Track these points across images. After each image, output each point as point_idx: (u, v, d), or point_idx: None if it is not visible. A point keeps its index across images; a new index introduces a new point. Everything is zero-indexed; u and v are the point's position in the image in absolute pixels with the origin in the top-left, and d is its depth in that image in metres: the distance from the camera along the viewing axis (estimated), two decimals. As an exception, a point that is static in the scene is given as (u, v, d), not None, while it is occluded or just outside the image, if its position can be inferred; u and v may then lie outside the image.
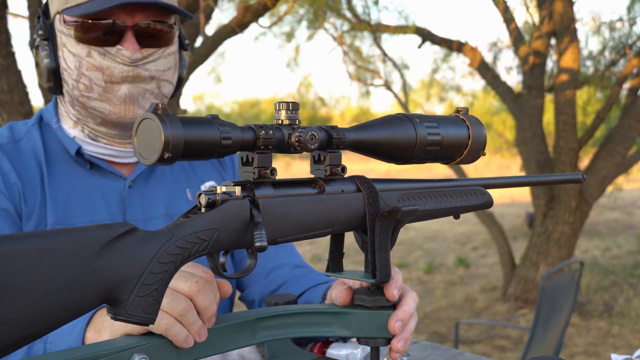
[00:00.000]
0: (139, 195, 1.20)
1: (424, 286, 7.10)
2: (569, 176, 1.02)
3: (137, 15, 1.10)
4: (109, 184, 1.18)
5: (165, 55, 1.14)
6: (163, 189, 1.23)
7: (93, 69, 1.09)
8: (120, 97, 1.10)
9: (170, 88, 1.19)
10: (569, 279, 3.07)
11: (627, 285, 6.69)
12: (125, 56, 1.09)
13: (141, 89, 1.12)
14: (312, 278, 1.21)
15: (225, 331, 0.78)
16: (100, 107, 1.12)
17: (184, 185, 1.26)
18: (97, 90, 1.10)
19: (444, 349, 1.16)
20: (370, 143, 0.78)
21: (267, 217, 0.71)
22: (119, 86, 1.10)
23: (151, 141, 0.62)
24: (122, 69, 1.09)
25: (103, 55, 1.09)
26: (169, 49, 1.15)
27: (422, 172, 4.55)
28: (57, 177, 1.16)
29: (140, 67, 1.10)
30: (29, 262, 0.57)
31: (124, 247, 0.63)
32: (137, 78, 1.10)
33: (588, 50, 8.44)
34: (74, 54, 1.10)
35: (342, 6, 7.16)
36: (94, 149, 1.18)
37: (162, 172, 1.24)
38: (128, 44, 1.09)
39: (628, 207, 12.49)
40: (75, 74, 1.11)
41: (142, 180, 1.21)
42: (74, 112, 1.17)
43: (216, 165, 1.33)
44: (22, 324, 0.57)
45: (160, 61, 1.13)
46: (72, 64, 1.11)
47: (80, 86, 1.11)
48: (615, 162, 5.73)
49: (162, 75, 1.15)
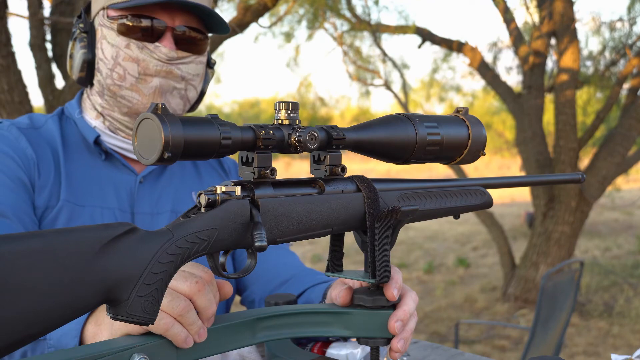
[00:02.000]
0: (148, 191, 1.24)
1: (424, 286, 7.10)
2: (569, 176, 1.02)
3: (178, 19, 1.18)
4: (121, 176, 1.23)
5: (196, 62, 1.21)
6: (171, 188, 1.28)
7: (129, 60, 1.16)
8: (151, 87, 1.17)
9: (194, 94, 1.25)
10: (569, 279, 3.07)
11: (627, 285, 6.69)
12: (163, 52, 1.15)
13: (171, 85, 1.18)
14: (312, 278, 1.21)
15: (225, 331, 0.78)
16: (129, 95, 1.18)
17: (190, 187, 1.31)
18: (130, 80, 1.16)
19: (444, 349, 1.16)
20: (370, 143, 0.78)
21: (267, 217, 0.71)
22: (151, 78, 1.16)
23: (151, 141, 0.62)
24: (157, 63, 1.16)
25: (141, 49, 1.15)
26: (200, 58, 1.22)
27: (422, 172, 4.54)
28: (72, 163, 1.20)
29: (173, 65, 1.17)
30: (29, 262, 0.57)
31: (124, 247, 0.63)
32: (169, 74, 1.17)
33: (588, 50, 8.46)
34: (113, 45, 1.16)
35: (342, 6, 7.16)
36: (112, 140, 1.23)
37: (172, 173, 1.29)
38: (166, 43, 1.16)
39: (628, 207, 12.49)
40: (111, 63, 1.17)
41: (153, 177, 1.26)
42: (101, 102, 1.22)
43: (220, 174, 1.38)
44: (22, 324, 0.57)
45: (191, 65, 1.20)
46: (110, 54, 1.17)
47: (115, 75, 1.17)
48: (615, 162, 5.73)
49: (192, 79, 1.22)
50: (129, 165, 1.24)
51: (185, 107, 1.25)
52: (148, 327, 0.71)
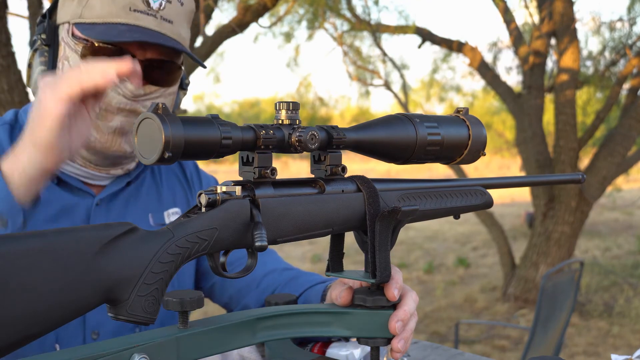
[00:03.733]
0: (105, 214, 1.16)
1: (424, 286, 7.10)
2: (569, 176, 1.02)
3: (149, 52, 1.06)
4: (76, 199, 1.14)
5: (165, 95, 1.11)
6: (128, 209, 1.20)
7: None
8: (110, 127, 1.06)
9: None
10: (569, 279, 3.07)
11: (627, 285, 6.69)
12: (129, 89, 1.05)
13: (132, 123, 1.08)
14: (309, 278, 1.21)
15: (225, 331, 0.78)
16: None
17: (147, 209, 1.23)
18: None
19: (444, 349, 1.16)
20: (370, 143, 0.78)
21: (267, 217, 0.71)
22: (112, 116, 1.06)
23: (151, 141, 0.62)
24: (121, 100, 1.05)
25: None
26: (171, 89, 1.12)
27: (422, 172, 4.52)
28: None
29: (139, 102, 1.07)
30: (29, 262, 0.57)
31: (124, 247, 0.63)
32: (132, 113, 1.07)
33: (588, 50, 8.46)
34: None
35: (342, 6, 7.16)
36: (66, 167, 1.13)
37: (129, 195, 1.21)
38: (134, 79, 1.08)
39: (628, 207, 12.49)
40: None
41: (109, 199, 1.18)
42: None
43: (184, 187, 1.30)
44: (22, 324, 0.57)
45: (159, 99, 1.10)
46: None
47: None
48: (615, 162, 5.73)
49: None
50: (85, 188, 1.15)
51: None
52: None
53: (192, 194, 1.32)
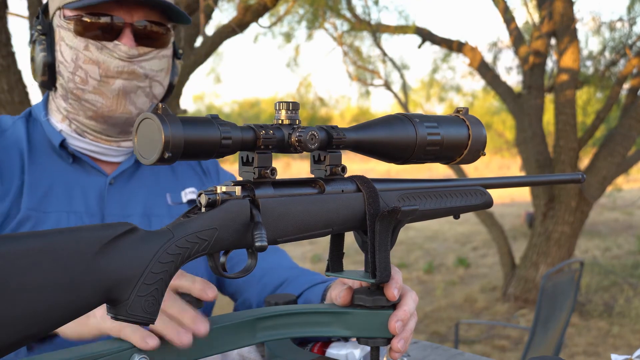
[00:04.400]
0: (119, 193, 1.21)
1: (424, 286, 7.10)
2: (569, 176, 1.01)
3: (136, 14, 1.13)
4: (89, 179, 1.19)
5: (159, 57, 1.17)
6: (143, 190, 1.24)
7: (89, 62, 1.12)
8: (113, 90, 1.13)
9: (161, 90, 1.21)
10: (569, 279, 3.07)
11: (627, 285, 6.69)
12: (122, 51, 1.11)
13: (134, 86, 1.14)
14: (310, 278, 1.21)
15: (225, 331, 0.78)
16: (93, 99, 1.14)
17: (165, 189, 1.27)
18: (92, 84, 1.13)
19: (444, 349, 1.16)
20: (370, 143, 0.78)
21: (267, 217, 0.71)
22: (113, 80, 1.12)
23: (151, 141, 0.62)
24: (118, 63, 1.12)
25: (100, 50, 1.11)
26: (164, 52, 1.18)
27: (422, 172, 4.54)
28: (37, 167, 1.16)
29: (135, 64, 1.13)
30: (29, 262, 0.57)
31: (124, 247, 0.63)
32: (131, 74, 1.13)
33: (588, 50, 8.46)
34: (72, 47, 1.12)
35: (342, 6, 7.16)
36: (79, 143, 1.19)
37: (144, 174, 1.25)
38: (125, 40, 1.12)
39: (628, 207, 12.49)
40: (72, 66, 1.13)
41: (124, 179, 1.22)
42: (66, 106, 1.18)
43: (199, 173, 1.34)
44: (22, 324, 0.57)
45: (154, 61, 1.16)
46: (69, 57, 1.13)
47: (76, 79, 1.13)
48: (615, 162, 5.73)
49: (155, 76, 1.17)
50: (98, 167, 1.20)
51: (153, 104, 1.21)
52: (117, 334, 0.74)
53: (207, 179, 1.35)
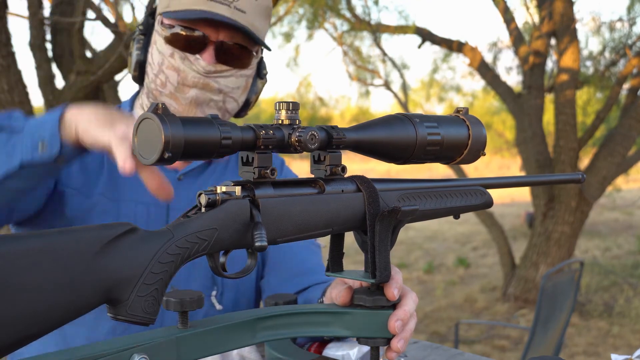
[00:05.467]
0: (187, 188, 1.26)
1: (424, 286, 7.10)
2: (569, 176, 1.01)
3: (222, 34, 1.20)
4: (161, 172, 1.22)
5: (237, 75, 1.23)
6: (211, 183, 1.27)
7: (171, 69, 1.19)
8: (187, 98, 1.19)
9: (234, 105, 1.26)
10: (569, 279, 3.07)
11: (627, 285, 6.70)
12: (201, 65, 1.18)
13: (207, 97, 1.20)
14: (314, 277, 1.21)
15: (225, 331, 0.78)
16: (168, 102, 1.20)
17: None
18: (169, 88, 1.20)
19: (444, 349, 1.16)
20: (370, 143, 0.78)
21: (267, 217, 0.71)
22: (189, 89, 1.19)
23: (151, 141, 0.62)
24: (195, 75, 1.18)
25: (183, 60, 1.18)
26: (243, 72, 1.24)
27: (422, 172, 4.51)
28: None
29: (211, 79, 1.19)
30: (29, 262, 0.57)
31: (124, 247, 0.63)
32: (206, 87, 1.19)
33: (588, 50, 8.46)
34: (160, 52, 1.20)
35: (342, 6, 7.16)
36: None
37: (212, 171, 1.32)
38: (206, 56, 1.19)
39: (628, 207, 12.49)
40: (157, 69, 1.21)
41: (193, 176, 1.29)
42: (147, 103, 1.27)
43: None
44: (22, 324, 0.57)
45: (230, 79, 1.22)
46: (157, 60, 1.21)
47: (158, 81, 1.21)
48: (615, 162, 5.73)
49: (230, 92, 1.23)
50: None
51: (225, 117, 1.26)
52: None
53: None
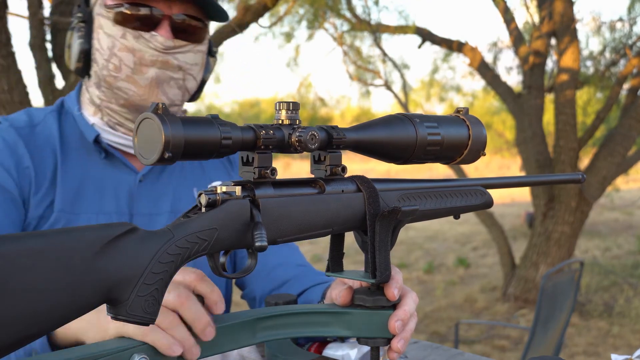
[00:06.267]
0: (148, 190, 1.22)
1: (424, 286, 7.10)
2: (569, 176, 1.01)
3: (175, 8, 1.15)
4: (120, 176, 1.20)
5: (195, 51, 1.19)
6: (171, 186, 1.25)
7: (125, 50, 1.13)
8: (147, 79, 1.15)
9: (193, 84, 1.22)
10: (569, 279, 3.07)
11: (627, 285, 6.69)
12: (159, 42, 1.13)
13: (168, 76, 1.16)
14: (312, 278, 1.21)
15: (225, 331, 0.78)
16: (125, 87, 1.15)
17: (192, 184, 1.28)
18: (125, 71, 1.14)
19: (444, 349, 1.16)
20: (370, 143, 0.78)
21: (267, 217, 0.71)
22: (147, 69, 1.14)
23: (151, 141, 0.62)
24: (153, 53, 1.14)
25: (137, 39, 1.13)
26: (199, 47, 1.20)
27: (422, 172, 4.50)
28: (70, 164, 1.18)
29: (170, 55, 1.15)
30: (29, 262, 0.57)
31: (124, 247, 0.63)
32: (165, 64, 1.15)
33: (588, 50, 8.46)
34: (109, 35, 1.14)
35: (342, 6, 7.16)
36: (112, 137, 1.20)
37: (172, 171, 1.27)
38: (163, 32, 1.14)
39: (628, 207, 12.49)
40: (107, 54, 1.15)
41: (153, 175, 1.23)
42: (99, 94, 1.20)
43: (225, 165, 1.35)
44: (22, 324, 0.57)
45: (189, 55, 1.18)
46: (106, 44, 1.15)
47: (110, 66, 1.15)
48: (615, 162, 5.73)
49: (189, 69, 1.19)
50: (129, 163, 1.21)
51: (185, 97, 1.22)
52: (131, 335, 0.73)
53: (233, 169, 1.36)
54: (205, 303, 0.79)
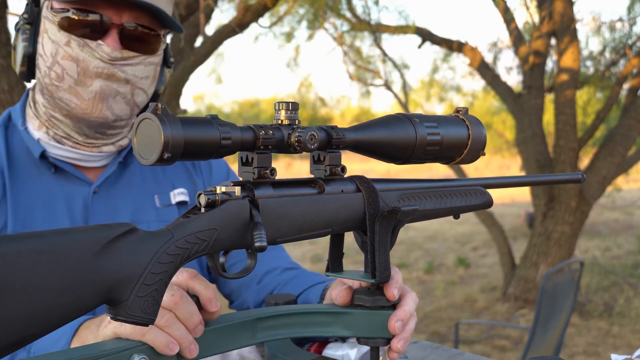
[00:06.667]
0: (104, 201, 1.16)
1: (424, 286, 7.10)
2: (569, 176, 1.01)
3: (125, 16, 1.07)
4: (73, 189, 1.14)
5: (146, 63, 1.11)
6: (129, 195, 1.19)
7: (68, 59, 1.06)
8: (90, 92, 1.07)
9: (143, 98, 1.15)
10: (569, 279, 3.07)
11: (627, 285, 6.69)
12: (105, 52, 1.05)
13: (113, 90, 1.08)
14: (307, 279, 1.20)
15: (225, 331, 0.78)
16: (67, 98, 1.08)
17: (153, 191, 1.22)
18: (68, 81, 1.07)
19: (444, 349, 1.16)
20: (370, 143, 0.78)
21: (267, 217, 0.71)
22: (91, 81, 1.06)
23: (151, 141, 0.62)
24: (98, 64, 1.06)
25: (82, 47, 1.05)
26: (151, 59, 1.12)
27: (422, 172, 4.51)
28: (19, 182, 1.12)
29: (117, 67, 1.07)
30: (29, 262, 0.57)
31: (124, 247, 0.63)
32: (111, 77, 1.07)
33: (588, 50, 8.45)
34: (53, 41, 1.07)
35: (342, 6, 7.16)
36: (59, 152, 1.14)
37: (130, 177, 1.20)
38: (110, 41, 1.06)
39: (628, 207, 12.49)
40: (50, 61, 1.07)
41: (109, 185, 1.17)
42: (43, 101, 1.13)
43: (189, 169, 1.29)
44: (22, 324, 0.57)
45: (139, 67, 1.10)
46: (49, 50, 1.08)
47: (52, 74, 1.07)
48: (615, 162, 5.73)
49: (138, 82, 1.11)
50: (81, 175, 1.15)
51: (134, 111, 1.14)
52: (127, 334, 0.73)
53: (198, 175, 1.30)
54: (200, 301, 0.79)
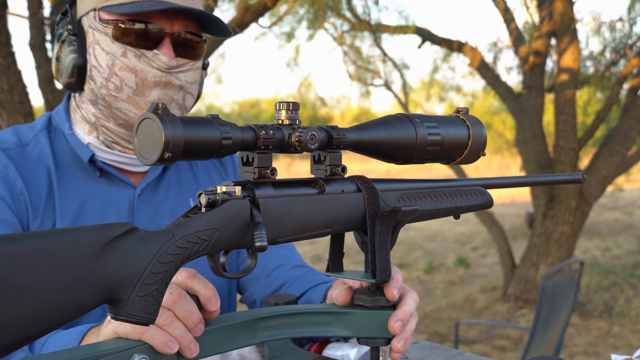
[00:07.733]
0: (148, 204, 1.20)
1: (424, 286, 7.10)
2: (569, 176, 1.02)
3: (176, 24, 1.10)
4: (119, 192, 1.18)
5: (194, 68, 1.15)
6: (169, 198, 1.23)
7: (126, 70, 1.08)
8: (148, 101, 1.10)
9: (191, 102, 1.19)
10: (569, 279, 3.07)
11: (627, 285, 6.69)
12: (162, 61, 1.09)
13: (169, 97, 1.12)
14: (313, 278, 1.21)
15: (225, 331, 0.78)
16: (125, 108, 1.11)
17: (188, 194, 1.26)
18: (127, 92, 1.09)
19: (444, 349, 1.16)
20: (370, 143, 0.78)
21: (267, 217, 0.71)
22: (149, 90, 1.10)
23: (151, 141, 0.62)
24: (156, 73, 1.09)
25: (139, 57, 1.08)
26: (198, 63, 1.16)
27: (422, 172, 4.47)
28: (67, 185, 1.14)
29: (172, 75, 1.10)
30: (29, 262, 0.57)
31: (124, 247, 0.63)
32: (168, 85, 1.11)
33: (588, 50, 8.46)
34: (108, 52, 1.09)
35: (342, 6, 7.16)
36: (108, 156, 1.17)
37: (169, 181, 1.24)
38: (165, 50, 1.09)
39: (628, 207, 12.49)
40: (107, 72, 1.09)
41: (151, 188, 1.21)
42: (95, 111, 1.14)
43: (218, 169, 1.33)
44: (22, 324, 0.57)
45: (189, 73, 1.14)
46: (105, 62, 1.09)
47: (110, 85, 1.09)
48: (615, 162, 5.73)
49: (189, 88, 1.15)
50: (126, 179, 1.18)
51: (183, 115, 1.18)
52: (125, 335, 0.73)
53: (227, 173, 1.34)
54: (200, 300, 0.79)
